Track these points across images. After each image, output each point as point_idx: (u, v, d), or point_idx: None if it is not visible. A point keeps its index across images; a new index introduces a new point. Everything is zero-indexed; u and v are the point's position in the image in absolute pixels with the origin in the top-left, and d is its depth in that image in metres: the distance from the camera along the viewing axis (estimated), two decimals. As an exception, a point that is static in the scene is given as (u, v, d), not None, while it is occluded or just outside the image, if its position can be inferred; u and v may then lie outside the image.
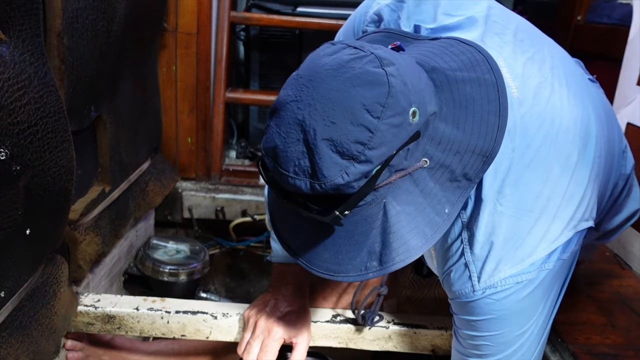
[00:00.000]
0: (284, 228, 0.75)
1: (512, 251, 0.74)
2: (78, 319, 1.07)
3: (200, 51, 1.64)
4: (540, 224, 0.74)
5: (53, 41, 0.89)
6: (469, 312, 0.78)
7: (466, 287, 0.77)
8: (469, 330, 0.80)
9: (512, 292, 0.75)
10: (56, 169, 0.86)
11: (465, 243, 0.76)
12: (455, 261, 0.77)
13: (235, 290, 1.95)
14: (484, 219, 0.74)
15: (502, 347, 0.79)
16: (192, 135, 1.73)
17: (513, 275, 0.74)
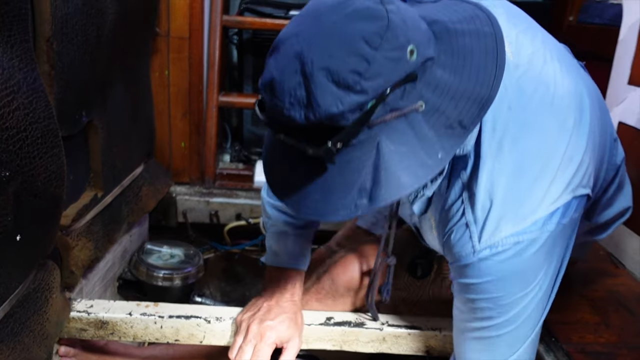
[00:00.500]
0: (277, 174, 0.75)
1: (513, 210, 0.74)
2: (71, 325, 1.06)
3: (193, 55, 1.64)
4: (540, 184, 0.75)
5: (42, 47, 0.89)
6: (470, 275, 0.78)
7: (467, 247, 0.76)
8: (470, 294, 0.80)
9: (513, 253, 0.75)
10: (46, 174, 0.85)
11: (466, 203, 0.77)
12: (455, 222, 0.78)
13: (231, 294, 1.94)
14: (484, 178, 0.75)
15: (504, 310, 0.79)
16: (186, 140, 1.73)
17: (514, 234, 0.74)
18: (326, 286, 1.13)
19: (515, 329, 0.82)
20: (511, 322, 0.80)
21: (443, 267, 1.13)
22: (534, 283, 0.78)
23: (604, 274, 1.31)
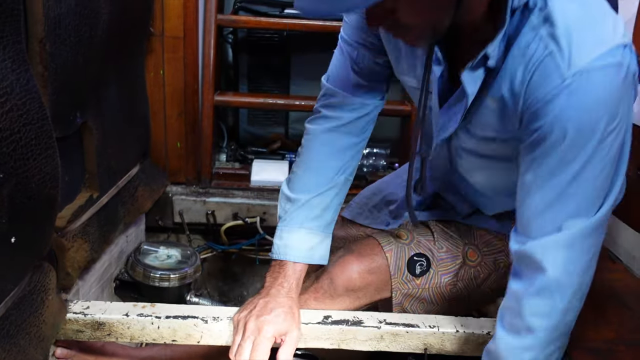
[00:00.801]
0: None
1: (593, 35, 0.75)
2: (67, 327, 1.06)
3: (188, 55, 1.64)
4: (607, 18, 0.77)
5: (35, 48, 0.88)
6: (558, 108, 0.76)
7: (554, 79, 0.75)
8: (552, 138, 0.78)
9: (601, 77, 0.74)
10: (40, 176, 0.85)
11: (545, 37, 0.76)
12: (536, 61, 0.77)
13: (228, 294, 1.95)
14: (557, 11, 0.75)
15: (586, 151, 0.78)
16: (181, 140, 1.73)
17: (600, 56, 0.73)
18: (325, 286, 1.13)
19: (594, 178, 0.80)
20: (592, 167, 0.79)
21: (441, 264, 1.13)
22: (616, 120, 0.76)
23: (601, 270, 1.29)
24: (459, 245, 1.14)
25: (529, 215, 0.86)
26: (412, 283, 1.12)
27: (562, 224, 0.83)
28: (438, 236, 1.15)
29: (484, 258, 1.13)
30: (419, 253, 1.13)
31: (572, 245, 0.84)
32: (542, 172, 0.83)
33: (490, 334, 1.05)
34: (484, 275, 1.13)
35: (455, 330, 1.06)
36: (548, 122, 0.78)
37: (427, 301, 1.13)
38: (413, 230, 1.18)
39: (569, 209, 0.83)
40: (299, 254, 1.09)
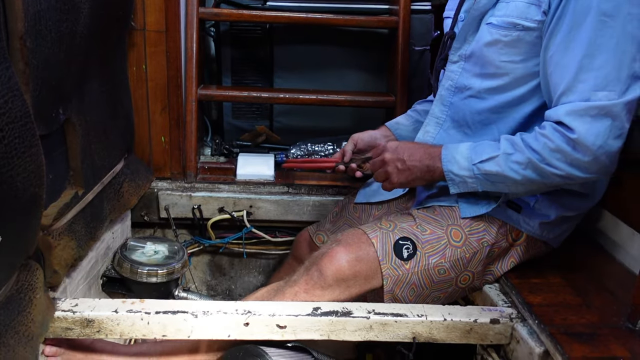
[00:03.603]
0: None
1: None
2: (56, 325, 1.05)
3: (170, 49, 1.62)
4: None
5: (16, 44, 0.87)
6: None
7: None
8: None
9: None
10: (25, 174, 0.84)
11: None
12: None
13: (216, 288, 1.95)
14: None
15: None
16: (166, 134, 1.71)
17: None
18: (314, 277, 1.13)
19: (612, 49, 0.94)
20: (606, 35, 0.93)
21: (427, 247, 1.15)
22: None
23: (584, 257, 1.33)
24: (442, 226, 1.16)
25: (557, 83, 1.01)
26: (402, 268, 1.13)
27: (591, 95, 0.96)
28: (420, 221, 1.17)
29: (468, 237, 1.15)
30: (403, 237, 1.14)
31: (602, 118, 0.96)
32: (560, 39, 1.00)
33: (477, 321, 1.07)
34: (469, 256, 1.15)
35: (442, 319, 1.07)
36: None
37: (417, 286, 1.15)
38: (395, 219, 1.20)
39: (593, 81, 0.96)
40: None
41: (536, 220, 1.18)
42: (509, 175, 1.07)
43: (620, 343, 0.98)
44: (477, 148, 1.11)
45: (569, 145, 1.00)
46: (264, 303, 1.11)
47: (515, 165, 1.06)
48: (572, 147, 1.00)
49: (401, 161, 1.19)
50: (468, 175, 1.12)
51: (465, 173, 1.12)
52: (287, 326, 1.07)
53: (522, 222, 1.17)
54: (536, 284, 1.18)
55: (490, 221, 1.17)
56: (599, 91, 0.96)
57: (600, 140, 0.98)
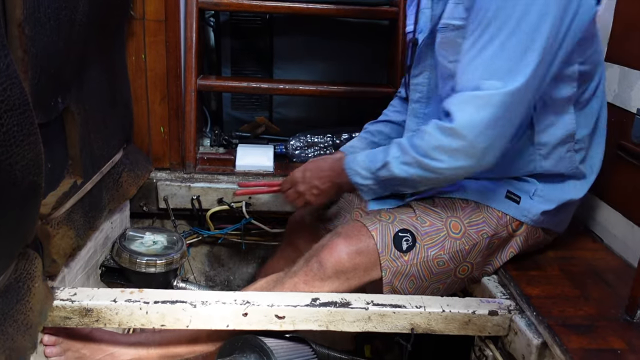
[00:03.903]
0: None
1: None
2: (55, 314, 1.05)
3: (170, 39, 1.62)
4: None
5: (14, 32, 0.86)
6: None
7: None
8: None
9: None
10: (24, 162, 0.84)
11: None
12: None
13: (215, 279, 1.95)
14: None
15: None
16: (165, 125, 1.71)
17: None
18: (314, 269, 1.14)
19: (505, 41, 0.95)
20: (503, 29, 0.95)
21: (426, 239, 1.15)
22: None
23: (582, 249, 1.33)
24: (442, 217, 1.16)
25: (458, 75, 1.02)
26: (401, 260, 1.13)
27: (479, 84, 0.97)
28: (420, 212, 1.17)
29: (467, 229, 1.15)
30: (403, 229, 1.14)
31: (483, 106, 0.97)
32: (468, 34, 1.01)
33: (476, 313, 1.08)
34: (469, 247, 1.15)
35: (441, 310, 1.07)
36: None
37: (416, 277, 1.15)
38: (394, 210, 1.20)
39: (484, 70, 0.97)
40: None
41: (537, 210, 1.17)
42: (403, 177, 1.11)
43: (617, 335, 0.98)
44: (372, 156, 1.17)
45: (447, 137, 1.02)
46: (262, 293, 1.11)
47: (405, 167, 1.09)
48: (450, 137, 1.01)
49: (316, 188, 1.29)
50: (372, 184, 1.18)
51: (369, 182, 1.18)
52: (285, 317, 1.07)
53: (522, 213, 1.17)
54: (534, 276, 1.18)
55: (489, 212, 1.17)
56: (487, 80, 0.97)
57: (476, 129, 0.99)
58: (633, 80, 1.27)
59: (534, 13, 0.94)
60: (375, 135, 1.47)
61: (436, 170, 1.05)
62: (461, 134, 1.00)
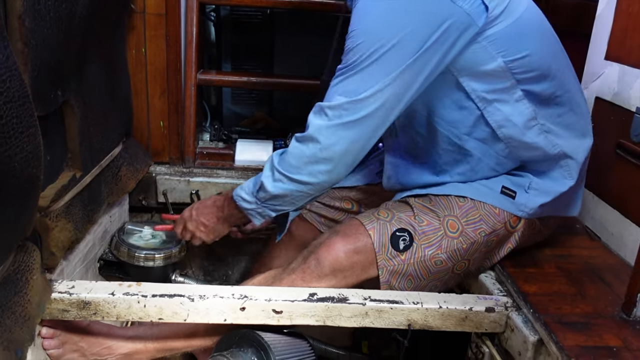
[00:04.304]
0: None
1: None
2: (53, 306, 1.06)
3: (170, 33, 1.62)
4: None
5: (14, 24, 0.86)
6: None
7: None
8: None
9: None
10: (23, 155, 0.84)
11: None
12: None
13: (213, 273, 1.95)
14: None
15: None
16: (165, 119, 1.71)
17: None
18: (312, 266, 1.14)
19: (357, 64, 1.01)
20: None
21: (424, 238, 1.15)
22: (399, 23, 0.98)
23: (580, 247, 1.34)
24: (439, 217, 1.16)
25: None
26: (397, 259, 1.14)
27: (332, 97, 1.05)
28: (418, 211, 1.17)
29: (464, 228, 1.15)
30: (400, 228, 1.14)
31: (334, 113, 1.04)
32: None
33: (473, 309, 1.08)
34: (467, 246, 1.15)
35: (438, 306, 1.08)
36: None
37: (413, 276, 1.15)
38: (393, 208, 1.20)
39: (339, 88, 1.04)
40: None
41: (534, 204, 1.17)
42: (278, 194, 1.13)
43: (614, 333, 0.99)
44: (255, 179, 1.19)
45: (304, 144, 1.08)
46: (260, 288, 1.11)
47: (278, 184, 1.12)
48: (306, 144, 1.07)
49: (203, 225, 1.33)
50: (256, 207, 1.19)
51: (253, 206, 1.19)
52: (283, 311, 1.07)
53: (518, 208, 1.17)
54: (532, 274, 1.19)
55: (486, 209, 1.17)
56: (340, 95, 1.04)
57: (328, 131, 1.05)
58: (632, 78, 1.27)
59: (394, 48, 0.99)
60: None
61: (301, 181, 1.10)
62: (315, 138, 1.06)
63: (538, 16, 1.14)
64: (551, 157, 1.18)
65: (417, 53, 0.99)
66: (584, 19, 1.61)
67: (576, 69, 1.23)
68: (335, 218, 1.50)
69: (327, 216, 1.52)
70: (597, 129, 1.28)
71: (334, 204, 1.52)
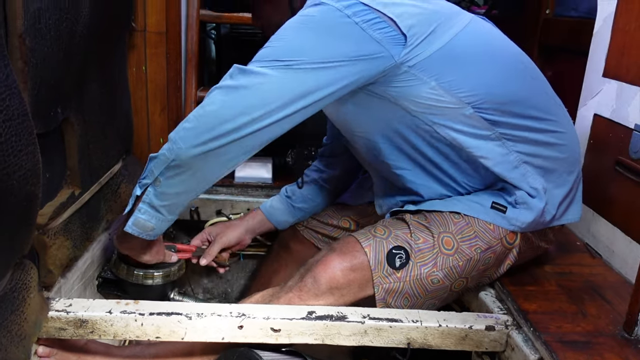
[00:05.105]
0: None
1: None
2: (49, 325, 1.05)
3: (170, 50, 1.63)
4: None
5: (15, 43, 0.87)
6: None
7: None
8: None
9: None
10: (21, 172, 0.84)
11: None
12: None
13: (212, 291, 1.94)
14: None
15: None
16: (165, 136, 1.71)
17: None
18: (308, 284, 1.13)
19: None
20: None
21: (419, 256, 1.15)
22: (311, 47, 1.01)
23: (580, 265, 1.33)
24: (434, 234, 1.15)
25: None
26: (393, 276, 1.13)
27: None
28: (414, 228, 1.17)
29: (460, 245, 1.14)
30: (397, 246, 1.14)
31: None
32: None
33: (473, 328, 1.07)
34: (463, 263, 1.14)
35: (437, 325, 1.07)
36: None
37: (410, 295, 1.14)
38: (389, 225, 1.19)
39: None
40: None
41: (525, 218, 1.17)
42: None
43: (615, 352, 0.98)
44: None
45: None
46: (258, 306, 1.11)
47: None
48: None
49: (124, 250, 1.26)
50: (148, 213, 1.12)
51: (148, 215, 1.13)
52: (281, 330, 1.06)
53: (510, 222, 1.16)
54: (532, 292, 1.18)
55: (480, 225, 1.16)
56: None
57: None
58: (631, 95, 1.28)
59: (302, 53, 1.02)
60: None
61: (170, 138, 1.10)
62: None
63: (481, 38, 1.14)
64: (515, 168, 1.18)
65: (320, 64, 1.01)
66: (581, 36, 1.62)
67: (573, 86, 1.23)
68: (333, 235, 1.50)
69: (325, 233, 1.52)
70: (596, 146, 1.28)
71: (332, 222, 1.52)
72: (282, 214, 1.55)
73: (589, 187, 1.29)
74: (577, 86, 1.52)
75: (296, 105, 1.03)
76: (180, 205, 1.14)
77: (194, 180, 1.09)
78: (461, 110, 1.09)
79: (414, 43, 1.03)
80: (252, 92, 1.02)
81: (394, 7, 1.03)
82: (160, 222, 1.14)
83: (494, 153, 1.14)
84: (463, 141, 1.13)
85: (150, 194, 1.10)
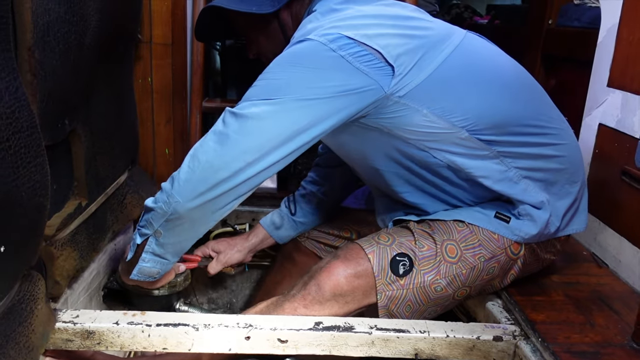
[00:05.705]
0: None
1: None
2: (57, 336, 1.05)
3: (176, 62, 1.64)
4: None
5: (24, 55, 0.88)
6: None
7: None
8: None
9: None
10: (30, 184, 0.84)
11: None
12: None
13: (217, 301, 1.94)
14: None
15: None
16: (170, 146, 1.72)
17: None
18: (312, 292, 1.13)
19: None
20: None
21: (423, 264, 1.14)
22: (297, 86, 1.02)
23: (587, 274, 1.33)
24: (437, 242, 1.15)
25: None
26: (397, 284, 1.12)
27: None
28: (418, 236, 1.17)
29: (463, 253, 1.14)
30: (401, 253, 1.14)
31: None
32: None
33: (480, 338, 1.07)
34: (466, 272, 1.14)
35: (445, 335, 1.07)
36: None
37: (412, 302, 1.14)
38: (393, 233, 1.19)
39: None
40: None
41: (528, 229, 1.16)
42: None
43: (624, 362, 0.97)
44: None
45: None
46: (265, 317, 1.10)
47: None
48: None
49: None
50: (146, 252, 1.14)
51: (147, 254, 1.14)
52: (288, 340, 1.06)
53: (513, 232, 1.16)
54: (539, 302, 1.18)
55: (485, 234, 1.16)
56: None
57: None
58: (636, 105, 1.28)
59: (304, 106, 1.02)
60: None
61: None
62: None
63: (472, 59, 1.13)
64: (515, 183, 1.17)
65: (310, 100, 1.01)
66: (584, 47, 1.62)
67: (576, 96, 1.23)
68: (335, 245, 1.50)
69: (327, 243, 1.52)
70: (601, 155, 1.28)
71: (333, 232, 1.52)
72: (284, 230, 1.55)
73: (594, 197, 1.29)
74: (580, 96, 1.52)
75: (289, 146, 1.03)
76: (183, 249, 1.17)
77: (193, 229, 1.12)
78: (456, 134, 1.09)
79: (402, 73, 1.03)
80: (244, 137, 1.02)
81: (379, 39, 1.02)
82: (164, 266, 1.18)
83: (492, 171, 1.14)
84: (461, 163, 1.13)
85: (152, 244, 1.12)
